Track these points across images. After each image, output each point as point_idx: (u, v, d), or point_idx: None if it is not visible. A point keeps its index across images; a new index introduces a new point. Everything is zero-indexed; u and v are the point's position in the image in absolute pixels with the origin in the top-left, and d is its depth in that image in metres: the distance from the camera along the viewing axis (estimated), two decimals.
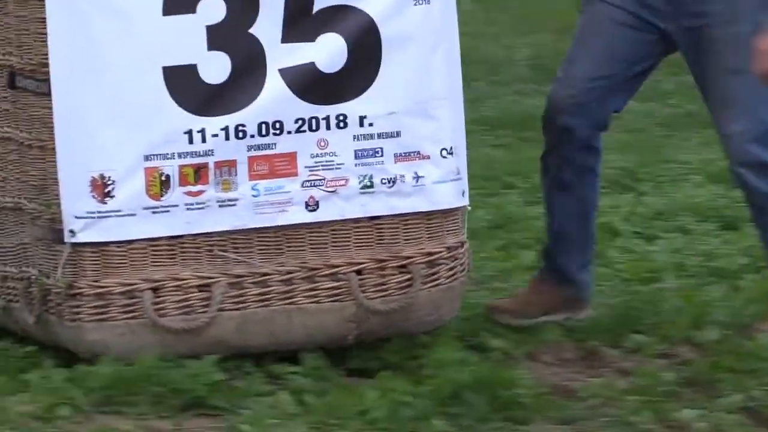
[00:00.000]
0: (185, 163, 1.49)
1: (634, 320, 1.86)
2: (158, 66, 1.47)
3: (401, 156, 1.56)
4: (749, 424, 1.41)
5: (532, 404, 1.47)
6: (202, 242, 1.52)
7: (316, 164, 1.54)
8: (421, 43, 1.56)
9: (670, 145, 3.83)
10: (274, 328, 1.55)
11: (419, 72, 1.57)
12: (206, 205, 1.51)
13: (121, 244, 1.50)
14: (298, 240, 1.56)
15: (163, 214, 1.50)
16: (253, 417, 1.42)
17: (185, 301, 1.51)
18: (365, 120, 1.54)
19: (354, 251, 1.57)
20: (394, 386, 1.49)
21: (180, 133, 1.48)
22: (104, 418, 1.44)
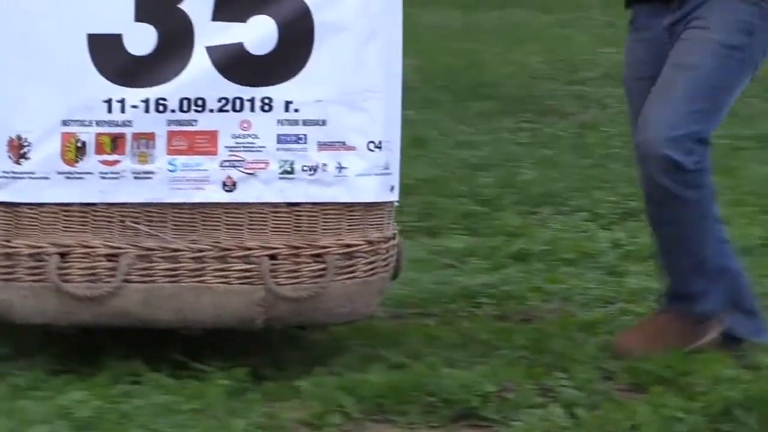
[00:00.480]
0: (102, 132, 1.48)
1: None
2: (83, 32, 1.46)
3: (325, 145, 1.54)
4: None
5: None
6: (115, 212, 1.51)
7: (237, 145, 1.52)
8: (355, 34, 1.53)
9: None
10: (182, 305, 1.54)
11: (351, 62, 1.54)
12: (121, 175, 1.50)
13: (32, 207, 1.49)
14: (214, 219, 1.54)
15: (77, 181, 1.49)
16: (524, 429, 1.44)
17: (91, 269, 1.49)
18: (291, 105, 1.52)
19: (269, 236, 1.55)
20: (666, 402, 1.51)
21: (99, 101, 1.47)
22: (375, 426, 1.47)
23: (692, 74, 1.69)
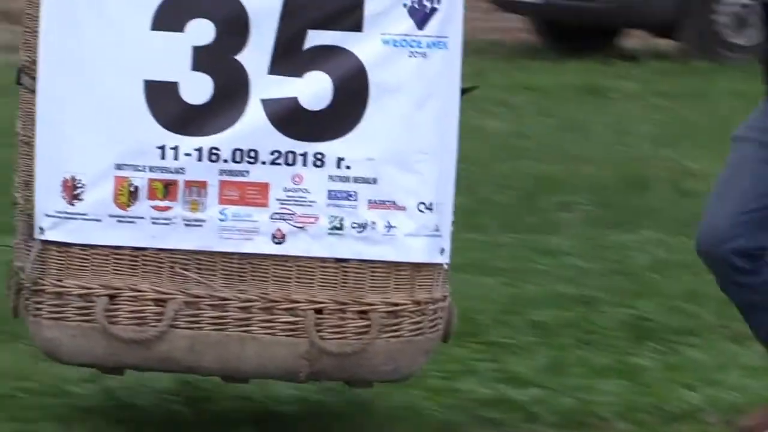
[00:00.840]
0: (155, 177, 1.49)
1: None
2: (140, 78, 1.46)
3: (375, 203, 1.51)
4: None
5: None
6: (165, 257, 1.52)
7: (287, 198, 1.50)
8: (411, 95, 1.51)
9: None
10: (227, 354, 1.54)
11: (405, 123, 1.51)
12: (172, 221, 1.50)
13: (84, 248, 1.52)
14: (262, 270, 1.53)
15: (128, 224, 1.50)
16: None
17: (139, 312, 1.51)
18: (343, 162, 1.49)
19: (316, 290, 1.54)
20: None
21: (153, 147, 1.47)
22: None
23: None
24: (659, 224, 3.67)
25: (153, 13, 1.47)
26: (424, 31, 1.50)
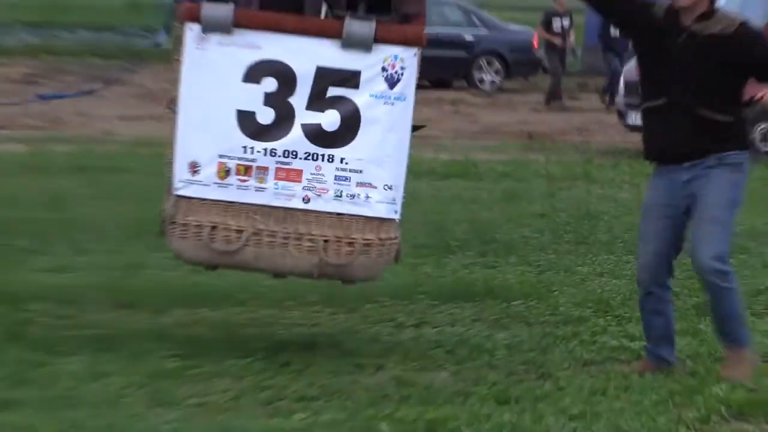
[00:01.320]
0: (240, 163, 2.67)
1: None
2: (234, 109, 2.64)
3: (361, 184, 2.70)
4: None
5: None
6: (243, 207, 2.73)
7: (312, 178, 2.69)
8: (383, 126, 2.68)
9: None
10: (274, 262, 2.74)
11: (379, 141, 2.69)
12: (248, 188, 2.70)
13: (198, 200, 2.71)
14: (296, 217, 2.72)
15: (223, 188, 2.68)
16: None
17: (227, 236, 2.71)
18: (344, 160, 2.68)
19: (325, 229, 2.73)
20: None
21: (239, 147, 2.66)
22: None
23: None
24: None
25: (243, 73, 2.63)
26: (393, 91, 2.67)
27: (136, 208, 4.84)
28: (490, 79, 14.02)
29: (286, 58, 2.65)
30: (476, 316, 3.62)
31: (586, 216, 5.62)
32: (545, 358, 3.06)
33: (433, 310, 3.64)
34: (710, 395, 2.59)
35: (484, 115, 12.17)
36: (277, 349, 2.95)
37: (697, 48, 2.70)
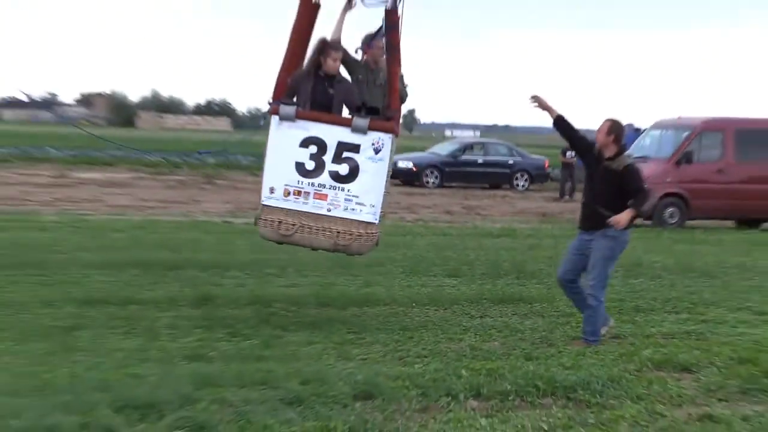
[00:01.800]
0: (295, 189, 5.11)
1: None
2: (293, 160, 5.10)
3: (357, 203, 5.11)
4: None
5: None
6: (296, 213, 5.14)
7: (332, 199, 5.11)
8: (372, 173, 5.10)
9: None
10: (311, 241, 5.19)
11: (370, 181, 5.10)
12: (298, 202, 5.12)
13: (274, 208, 5.14)
14: (323, 219, 5.12)
15: (286, 202, 5.12)
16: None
17: (286, 227, 5.11)
18: (349, 191, 5.11)
19: (338, 225, 5.12)
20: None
21: (295, 181, 5.12)
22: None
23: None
24: None
25: (299, 142, 5.11)
26: (377, 156, 5.10)
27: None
28: (522, 184, 24.72)
29: (322, 135, 5.12)
30: (513, 312, 6.39)
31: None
32: (552, 335, 5.59)
33: (490, 308, 6.51)
34: (642, 356, 4.93)
35: (518, 203, 20.00)
36: (405, 330, 5.51)
37: (605, 175, 5.13)
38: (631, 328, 5.86)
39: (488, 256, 9.09)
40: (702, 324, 6.12)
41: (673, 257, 9.58)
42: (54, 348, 4.66)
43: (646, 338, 5.50)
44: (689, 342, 5.49)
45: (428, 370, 4.48)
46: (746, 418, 4.08)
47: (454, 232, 12.03)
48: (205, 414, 3.58)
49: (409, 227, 12.34)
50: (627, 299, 6.83)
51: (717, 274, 8.50)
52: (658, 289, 7.53)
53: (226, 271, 7.36)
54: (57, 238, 9.17)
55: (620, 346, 5.28)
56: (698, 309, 6.67)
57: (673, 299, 6.97)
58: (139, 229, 10.61)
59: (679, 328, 5.95)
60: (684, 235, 12.82)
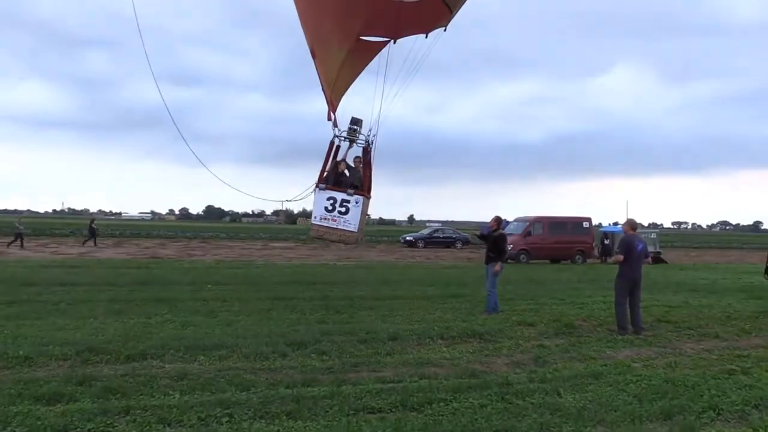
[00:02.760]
0: (324, 217, 13.71)
1: None
2: (323, 206, 13.69)
3: (349, 223, 13.69)
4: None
5: None
6: (325, 227, 13.72)
7: (338, 221, 13.73)
8: (354, 211, 13.70)
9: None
10: (331, 237, 13.95)
11: (354, 214, 13.70)
12: (327, 221, 13.72)
13: (318, 225, 13.67)
14: (336, 229, 13.74)
15: (322, 222, 13.73)
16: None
17: (323, 232, 13.78)
18: (346, 219, 13.68)
19: (341, 232, 13.76)
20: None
21: (326, 213, 13.76)
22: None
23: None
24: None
25: (326, 198, 13.71)
26: (357, 204, 13.61)
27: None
28: (459, 246, 57.57)
29: (335, 196, 13.63)
30: (456, 300, 15.97)
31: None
32: (474, 310, 14.53)
33: (447, 299, 16.23)
34: (512, 320, 13.12)
35: (457, 254, 47.40)
36: (411, 308, 14.37)
37: (493, 240, 14.52)
38: (507, 307, 14.49)
39: (444, 276, 21.00)
40: (537, 305, 15.05)
41: (524, 274, 21.91)
42: (260, 318, 12.89)
43: (513, 311, 13.77)
44: (532, 313, 13.74)
45: (420, 327, 11.58)
46: (558, 345, 10.54)
47: (431, 266, 30.80)
48: (325, 347, 9.89)
49: (410, 264, 31.14)
50: (505, 294, 16.36)
51: (545, 282, 20.93)
52: (516, 290, 17.49)
53: (334, 285, 17.10)
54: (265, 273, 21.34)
55: (502, 315, 13.54)
56: (535, 299, 16.23)
57: (522, 294, 17.13)
58: (297, 267, 23.30)
59: (527, 306, 14.80)
60: (528, 266, 32.35)
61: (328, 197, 13.26)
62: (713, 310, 15.89)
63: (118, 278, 20.45)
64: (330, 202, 13.23)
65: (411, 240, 58.08)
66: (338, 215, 13.16)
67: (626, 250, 12.41)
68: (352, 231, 13.19)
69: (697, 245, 79.15)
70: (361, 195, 13.38)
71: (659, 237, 45.88)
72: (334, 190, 13.35)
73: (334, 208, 13.23)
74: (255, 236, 72.97)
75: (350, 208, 13.22)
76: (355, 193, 13.37)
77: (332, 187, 13.42)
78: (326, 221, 13.23)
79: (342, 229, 13.18)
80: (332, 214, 13.20)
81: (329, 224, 13.20)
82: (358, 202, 13.32)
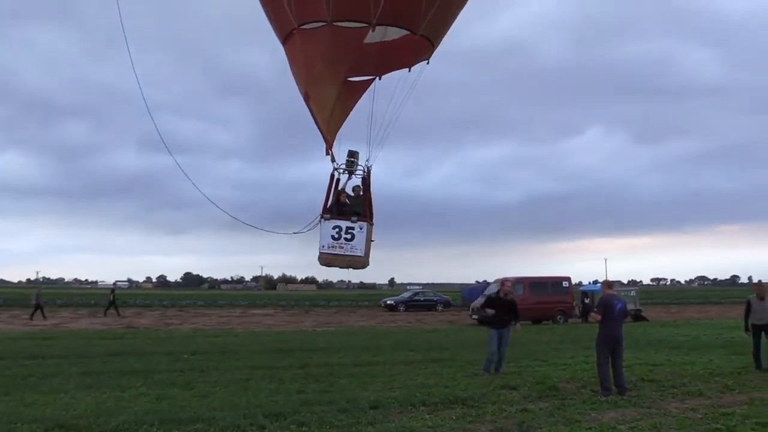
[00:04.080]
0: (331, 245, 13.23)
1: None
2: (330, 234, 13.19)
3: (355, 248, 13.33)
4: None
5: None
6: (332, 254, 13.28)
7: (345, 247, 13.26)
8: (359, 236, 13.25)
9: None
10: (339, 264, 13.49)
11: (359, 239, 13.25)
12: (335, 248, 13.28)
13: (325, 253, 13.28)
14: (343, 256, 13.27)
15: (331, 249, 13.21)
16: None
17: (331, 259, 13.29)
18: (353, 245, 13.30)
19: (348, 258, 13.28)
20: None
21: (333, 241, 13.23)
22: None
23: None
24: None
25: (332, 227, 13.25)
26: (361, 230, 13.23)
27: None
28: (440, 308, 58.08)
29: (340, 224, 13.11)
30: (440, 365, 16.07)
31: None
32: (456, 375, 14.37)
33: (429, 364, 16.26)
34: (494, 383, 13.11)
35: (439, 317, 47.91)
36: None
37: (501, 303, 15.18)
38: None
39: (425, 340, 20.93)
40: (520, 368, 14.95)
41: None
42: (238, 389, 12.74)
43: (496, 374, 13.94)
44: (515, 376, 13.60)
45: (401, 394, 11.43)
46: (542, 409, 10.15)
47: (412, 329, 30.41)
48: (305, 418, 9.49)
49: (390, 328, 30.36)
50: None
51: (527, 344, 20.70)
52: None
53: (313, 352, 17.17)
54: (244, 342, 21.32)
55: (486, 378, 13.44)
56: (517, 362, 16.18)
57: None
58: (277, 334, 24.36)
59: (509, 369, 14.65)
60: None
61: (334, 226, 13.26)
62: (696, 367, 15.87)
63: (91, 350, 20.03)
64: (336, 230, 13.26)
65: (392, 304, 57.85)
66: (345, 242, 13.13)
67: (605, 310, 12.42)
68: (360, 255, 13.12)
69: (677, 301, 79.82)
70: (364, 222, 13.35)
71: (639, 294, 46.05)
72: (338, 219, 13.39)
73: (340, 236, 13.19)
74: (234, 303, 72.48)
75: (355, 234, 13.19)
76: (358, 220, 13.37)
77: (336, 216, 13.44)
78: (334, 249, 13.18)
79: (350, 254, 13.13)
80: (339, 242, 13.18)
81: (337, 251, 13.14)
82: (362, 228, 13.29)
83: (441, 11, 12.08)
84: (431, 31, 12.40)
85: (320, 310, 58.81)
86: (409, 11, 11.72)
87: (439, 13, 12.06)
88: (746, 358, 17.31)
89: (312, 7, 11.76)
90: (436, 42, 12.83)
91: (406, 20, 11.91)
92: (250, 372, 14.66)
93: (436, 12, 11.89)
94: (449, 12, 12.67)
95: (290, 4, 11.90)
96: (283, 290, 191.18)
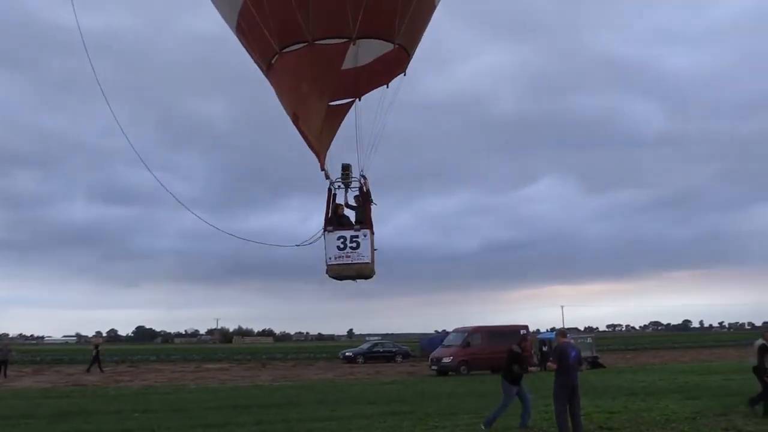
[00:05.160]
0: (337, 255, 13.56)
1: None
2: (335, 245, 13.58)
3: (361, 255, 13.57)
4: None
5: None
6: (339, 265, 13.58)
7: (352, 255, 13.57)
8: (364, 243, 13.60)
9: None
10: (348, 275, 13.70)
11: (364, 246, 13.61)
12: (341, 258, 13.57)
13: (332, 264, 13.58)
14: (350, 265, 13.58)
15: (338, 260, 13.53)
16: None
17: (339, 271, 13.56)
18: (359, 252, 13.55)
19: (357, 266, 13.57)
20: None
21: (338, 252, 13.57)
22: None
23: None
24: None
25: (336, 238, 13.53)
26: (365, 237, 13.57)
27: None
28: (399, 359, 58.13)
29: (345, 234, 13.45)
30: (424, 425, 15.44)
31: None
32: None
33: (403, 420, 15.78)
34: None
35: (397, 368, 47.32)
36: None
37: (519, 357, 15.20)
38: (449, 423, 14.90)
39: (385, 393, 21.23)
40: (480, 419, 14.96)
41: (466, 386, 23.16)
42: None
43: (456, 427, 14.05)
44: (476, 427, 13.85)
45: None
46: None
47: (371, 382, 31.03)
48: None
49: (349, 381, 31.60)
50: (447, 409, 17.26)
51: (486, 395, 20.52)
52: (459, 404, 18.60)
53: (270, 408, 17.11)
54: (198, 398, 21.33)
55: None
56: (478, 413, 16.06)
57: (465, 408, 17.04)
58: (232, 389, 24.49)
59: (470, 421, 14.90)
60: (470, 378, 35.45)
61: (338, 237, 13.43)
62: (652, 413, 16.02)
63: (35, 410, 19.13)
64: (341, 241, 13.41)
65: (350, 355, 57.42)
66: (351, 251, 13.30)
67: (560, 358, 12.52)
68: (367, 262, 13.29)
69: (632, 347, 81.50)
70: (366, 229, 13.61)
71: (595, 341, 46.56)
72: (341, 229, 13.62)
73: (346, 245, 13.35)
74: (188, 357, 70.65)
75: (360, 242, 13.35)
76: (361, 227, 13.65)
77: (339, 227, 13.69)
78: (341, 259, 13.30)
79: (357, 262, 13.25)
80: (345, 251, 13.32)
81: (344, 261, 13.26)
82: (366, 235, 13.53)
83: (414, 18, 12.74)
84: (407, 39, 13.05)
85: (277, 363, 58.58)
86: (386, 21, 12.23)
87: (412, 21, 12.68)
88: (700, 403, 17.54)
89: (292, 29, 12.18)
90: (411, 50, 13.37)
91: (384, 30, 12.42)
92: (204, 431, 14.22)
93: (409, 20, 12.52)
94: (421, 19, 13.34)
95: (270, 30, 12.30)
96: (239, 343, 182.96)
